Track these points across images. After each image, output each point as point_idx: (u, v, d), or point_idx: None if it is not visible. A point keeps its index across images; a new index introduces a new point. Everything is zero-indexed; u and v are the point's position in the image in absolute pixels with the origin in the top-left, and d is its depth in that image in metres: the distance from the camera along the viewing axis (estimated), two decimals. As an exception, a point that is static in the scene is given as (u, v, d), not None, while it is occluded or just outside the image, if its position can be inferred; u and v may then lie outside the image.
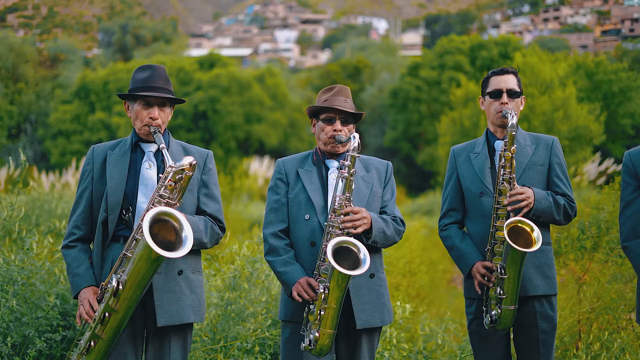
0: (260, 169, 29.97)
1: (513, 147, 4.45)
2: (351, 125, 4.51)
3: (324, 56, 78.31)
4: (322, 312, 4.07)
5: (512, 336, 4.80)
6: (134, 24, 69.56)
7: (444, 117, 34.78)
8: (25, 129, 48.13)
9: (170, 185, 3.98)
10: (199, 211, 4.37)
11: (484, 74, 36.25)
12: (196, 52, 65.65)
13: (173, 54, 57.83)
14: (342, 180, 4.22)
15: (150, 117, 4.24)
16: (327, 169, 4.50)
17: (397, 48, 68.79)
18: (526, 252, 4.30)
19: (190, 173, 4.00)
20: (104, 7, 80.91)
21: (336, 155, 4.52)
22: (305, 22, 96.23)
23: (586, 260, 7.90)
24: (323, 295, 4.06)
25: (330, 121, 4.46)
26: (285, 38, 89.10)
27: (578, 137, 29.49)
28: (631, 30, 69.59)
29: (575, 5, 79.62)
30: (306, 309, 4.19)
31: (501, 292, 4.41)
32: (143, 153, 4.34)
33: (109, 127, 42.09)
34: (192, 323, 4.33)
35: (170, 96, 4.30)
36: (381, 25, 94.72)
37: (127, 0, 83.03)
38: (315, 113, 4.56)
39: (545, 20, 79.42)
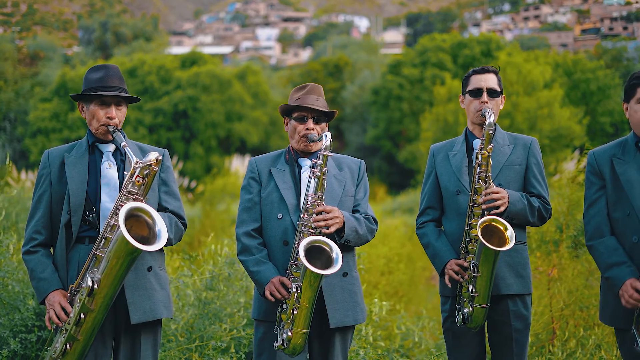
0: (242, 167, 29.93)
1: (490, 146, 4.47)
2: (324, 124, 4.52)
3: (306, 54, 78.19)
4: (295, 312, 4.08)
5: (486, 334, 4.83)
6: (114, 22, 69.12)
7: (427, 114, 34.87)
8: (4, 127, 47.78)
9: (138, 182, 3.99)
10: (161, 208, 4.37)
11: (466, 72, 36.59)
12: (177, 50, 65.42)
13: (154, 51, 57.56)
14: (314, 179, 4.23)
15: (108, 117, 4.24)
16: (300, 167, 4.51)
17: (379, 46, 68.80)
18: (499, 250, 4.32)
19: (156, 168, 4.03)
20: (84, 5, 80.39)
21: (309, 154, 4.52)
22: (286, 20, 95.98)
23: (554, 257, 7.96)
24: (296, 295, 4.07)
25: (302, 120, 4.46)
26: (267, 36, 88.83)
27: (559, 137, 29.66)
28: (610, 29, 69.98)
29: (555, 4, 79.94)
30: (279, 308, 4.20)
31: (473, 290, 4.43)
32: (101, 154, 4.33)
33: (89, 125, 41.82)
34: (162, 319, 4.34)
35: (127, 95, 4.31)
36: (362, 23, 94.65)
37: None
38: (287, 112, 4.56)
39: (526, 18, 79.71)
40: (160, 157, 4.05)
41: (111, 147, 4.33)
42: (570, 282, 7.43)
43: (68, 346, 3.94)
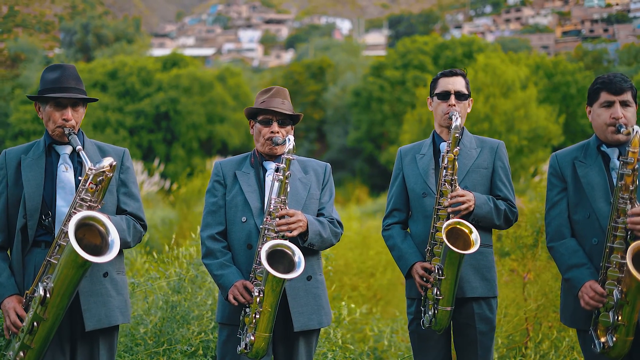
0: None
1: (456, 149, 4.48)
2: (289, 127, 4.51)
3: (288, 56, 78.23)
4: (258, 316, 4.06)
5: (452, 337, 4.83)
6: (95, 24, 68.94)
7: (409, 116, 34.96)
8: (-15, 129, 47.54)
9: (91, 189, 3.93)
10: (120, 210, 4.32)
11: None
12: (159, 52, 65.24)
13: (135, 53, 57.40)
14: (277, 183, 4.22)
15: (64, 119, 4.16)
16: (265, 170, 4.49)
17: (361, 48, 68.91)
18: (463, 254, 4.32)
19: (111, 174, 3.96)
20: (65, 7, 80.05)
21: (274, 157, 4.50)
22: (268, 22, 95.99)
23: (528, 259, 7.99)
24: (258, 299, 4.05)
25: (267, 123, 4.45)
26: (249, 38, 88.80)
27: (537, 137, 29.82)
28: (591, 31, 70.44)
29: (537, 6, 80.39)
30: (242, 312, 4.18)
31: (438, 292, 4.43)
32: (58, 155, 4.26)
33: (70, 127, 41.64)
34: (119, 325, 4.30)
35: (82, 96, 4.22)
36: (345, 25, 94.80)
37: (89, 0, 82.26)
38: (252, 115, 4.55)
39: (507, 20, 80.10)
40: (114, 163, 3.98)
41: (68, 149, 4.25)
42: (545, 284, 7.46)
43: (22, 354, 3.88)
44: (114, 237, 3.81)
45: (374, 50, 74.09)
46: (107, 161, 3.97)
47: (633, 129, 3.98)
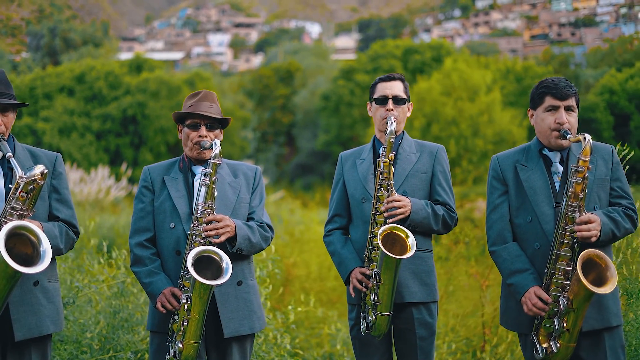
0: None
1: (391, 154, 4.44)
2: (217, 131, 4.45)
3: (257, 60, 78.16)
4: (186, 323, 4.01)
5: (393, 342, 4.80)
6: (63, 27, 68.46)
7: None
8: (-51, 135, 46.93)
9: (22, 197, 3.84)
10: (52, 217, 4.23)
11: (416, 77, 36.66)
12: (127, 56, 64.89)
13: (103, 57, 57.02)
14: (204, 188, 4.15)
15: None
16: (194, 175, 4.43)
17: (330, 52, 69.04)
18: (400, 259, 4.27)
19: (42, 182, 3.88)
20: (32, 10, 79.38)
21: (203, 162, 4.43)
22: (238, 25, 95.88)
23: (486, 264, 8.02)
24: (186, 306, 4.00)
25: (195, 127, 4.40)
26: (218, 42, 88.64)
27: (501, 141, 30.04)
28: (559, 34, 71.12)
29: (505, 10, 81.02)
30: (171, 319, 4.13)
31: (376, 298, 4.39)
32: None
33: (35, 132, 41.32)
34: (52, 333, 4.21)
35: (11, 101, 4.13)
36: (314, 29, 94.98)
37: (57, 3, 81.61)
38: (180, 119, 4.49)
39: (476, 24, 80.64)
40: (45, 171, 3.89)
41: None
42: (499, 287, 7.46)
43: None
44: (46, 247, 3.73)
45: (343, 54, 74.25)
46: (39, 169, 3.88)
47: (584, 138, 3.97)
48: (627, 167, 5.23)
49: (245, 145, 47.64)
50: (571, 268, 4.01)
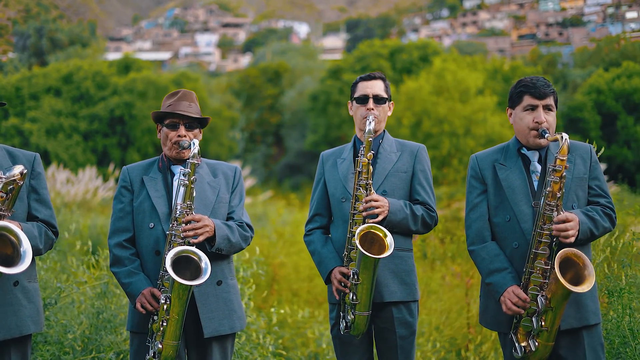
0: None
1: (370, 153, 4.45)
2: (197, 130, 4.45)
3: (245, 60, 77.98)
4: (165, 324, 4.01)
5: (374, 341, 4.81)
6: (50, 27, 68.15)
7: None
8: (-64, 135, 46.75)
9: (1, 197, 3.84)
10: (31, 217, 4.23)
11: (403, 77, 36.62)
12: (114, 56, 64.66)
13: (90, 57, 56.81)
14: (182, 188, 4.15)
15: None
16: (173, 175, 4.43)
17: (318, 52, 69.00)
18: (378, 258, 4.27)
19: (21, 182, 3.88)
20: (19, 10, 78.96)
21: (182, 161, 4.43)
22: (226, 25, 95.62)
23: (471, 263, 8.01)
24: (165, 306, 4.00)
25: (174, 127, 4.40)
26: (206, 42, 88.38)
27: (491, 142, 30.15)
28: (546, 34, 71.26)
29: (493, 9, 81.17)
30: (150, 320, 4.13)
31: (354, 298, 4.40)
32: None
33: (22, 133, 41.16)
34: (32, 333, 4.21)
35: None
36: (302, 29, 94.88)
37: (44, 3, 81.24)
38: (160, 118, 4.48)
39: (464, 24, 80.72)
40: (25, 171, 3.90)
41: None
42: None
43: None
44: (26, 247, 3.74)
45: (331, 53, 74.21)
46: (18, 169, 3.89)
47: (562, 137, 3.99)
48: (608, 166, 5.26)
49: (234, 145, 47.58)
50: (549, 267, 4.03)
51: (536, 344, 4.04)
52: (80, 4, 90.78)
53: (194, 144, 4.19)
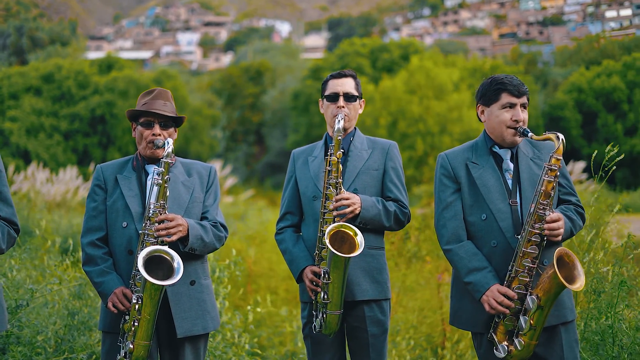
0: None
1: (339, 152, 4.43)
2: (171, 129, 4.44)
3: (227, 59, 77.87)
4: (137, 323, 3.99)
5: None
6: (30, 26, 67.79)
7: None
8: None
9: None
10: None
11: (382, 76, 36.64)
12: (95, 55, 64.36)
13: (70, 56, 56.52)
14: (155, 187, 4.14)
15: None
16: (147, 174, 4.41)
17: (300, 51, 68.97)
18: (347, 257, 4.26)
19: None
20: (-1, 9, 78.52)
21: (157, 160, 4.41)
22: (207, 24, 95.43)
23: (442, 259, 8.05)
24: (137, 306, 3.98)
25: (148, 125, 4.38)
26: (188, 41, 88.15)
27: (468, 139, 30.35)
28: (527, 33, 71.58)
29: (474, 8, 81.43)
30: (122, 319, 4.11)
31: (326, 297, 4.39)
32: None
33: (2, 132, 40.94)
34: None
35: None
36: (284, 28, 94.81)
37: (24, 2, 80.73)
38: (134, 117, 4.46)
39: (445, 23, 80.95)
40: None
41: None
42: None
43: None
44: None
45: (313, 52, 74.23)
46: None
47: (558, 137, 3.99)
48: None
49: (215, 144, 47.49)
50: (535, 266, 4.02)
51: (522, 342, 4.01)
52: (61, 2, 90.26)
53: (168, 143, 4.17)
